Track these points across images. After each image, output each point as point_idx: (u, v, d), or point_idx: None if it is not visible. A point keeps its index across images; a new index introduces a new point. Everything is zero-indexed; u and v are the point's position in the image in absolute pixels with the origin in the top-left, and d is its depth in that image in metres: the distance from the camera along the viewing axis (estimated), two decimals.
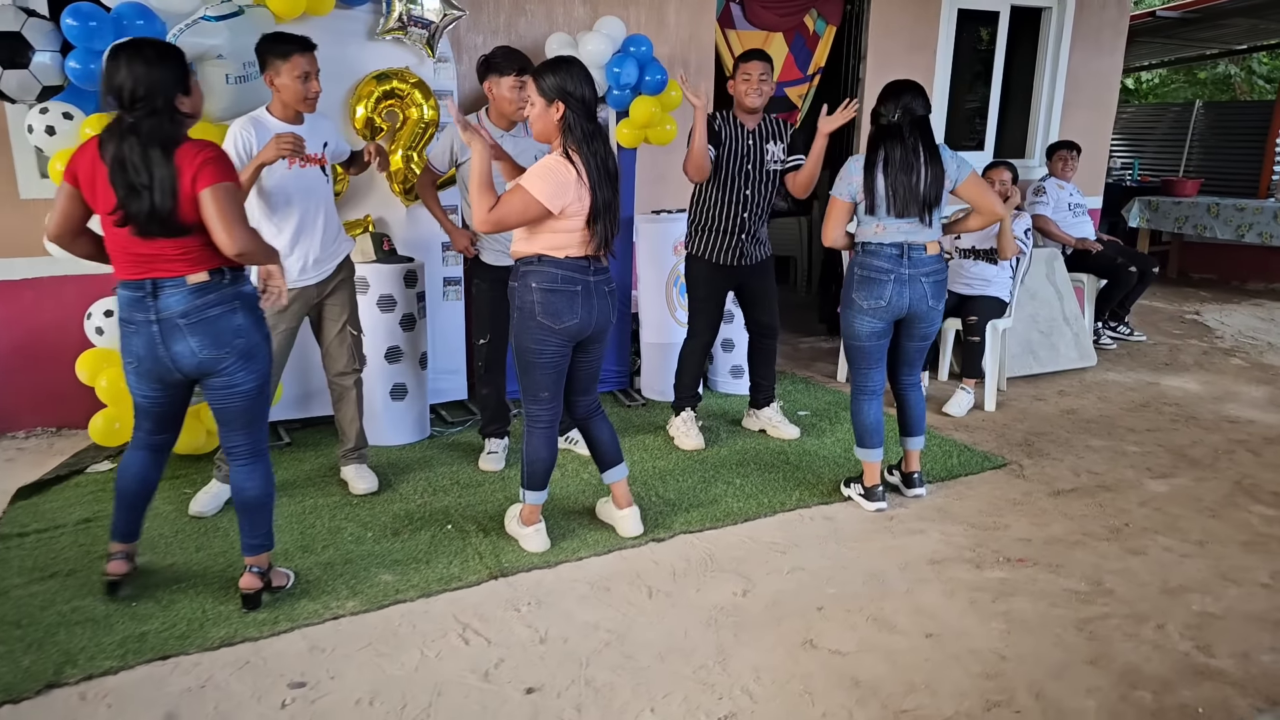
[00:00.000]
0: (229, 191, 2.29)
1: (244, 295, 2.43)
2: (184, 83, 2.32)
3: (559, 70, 2.72)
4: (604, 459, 3.12)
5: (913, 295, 3.21)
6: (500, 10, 4.64)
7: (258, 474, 2.55)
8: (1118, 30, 6.25)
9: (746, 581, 2.83)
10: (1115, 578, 2.88)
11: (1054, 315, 5.33)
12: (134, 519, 2.65)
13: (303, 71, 3.02)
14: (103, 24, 3.32)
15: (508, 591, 2.75)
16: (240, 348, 2.39)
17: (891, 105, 3.15)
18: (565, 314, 2.81)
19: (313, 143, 3.15)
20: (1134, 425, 4.39)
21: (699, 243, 3.91)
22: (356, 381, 3.43)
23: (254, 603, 2.60)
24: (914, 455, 3.52)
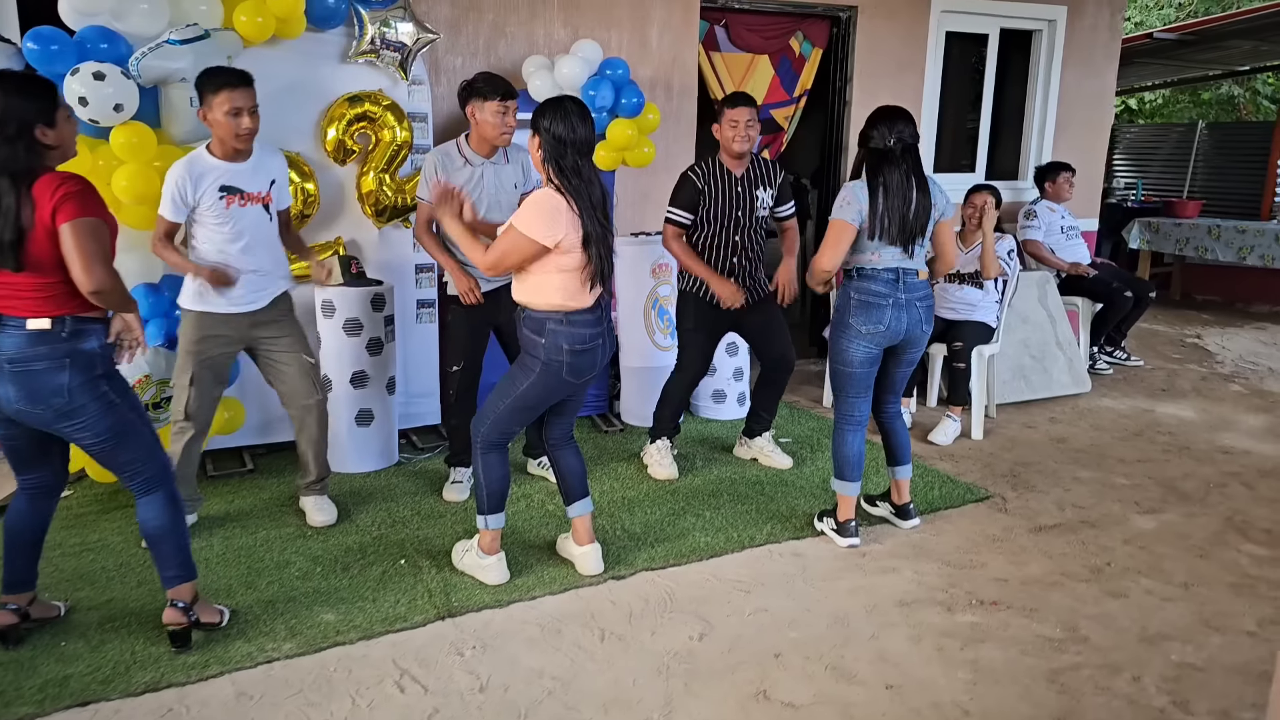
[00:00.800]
0: (90, 227, 2.21)
1: (78, 353, 2.28)
2: (47, 115, 2.25)
3: (545, 106, 2.72)
4: (570, 491, 3.04)
5: (909, 320, 3.17)
6: (479, 33, 4.59)
7: (153, 507, 2.46)
8: (1109, 53, 6.17)
9: (705, 624, 2.72)
10: (1092, 623, 2.76)
11: (1046, 340, 5.21)
12: (18, 568, 2.53)
13: (233, 107, 2.93)
14: (65, 48, 3.28)
15: (453, 633, 2.64)
16: (58, 407, 2.27)
17: (886, 131, 3.09)
18: (589, 369, 2.84)
19: (256, 181, 3.09)
20: (1125, 455, 4.26)
21: (690, 279, 3.83)
22: (318, 404, 3.32)
23: (182, 641, 2.49)
24: (904, 485, 3.42)
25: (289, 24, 3.66)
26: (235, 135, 2.97)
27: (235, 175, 3.05)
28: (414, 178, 4.07)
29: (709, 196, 3.69)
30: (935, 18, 5.54)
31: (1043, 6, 5.85)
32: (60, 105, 2.30)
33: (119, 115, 3.29)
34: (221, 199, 3.02)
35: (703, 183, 3.70)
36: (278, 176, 3.19)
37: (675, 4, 4.95)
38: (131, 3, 3.32)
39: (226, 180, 3.03)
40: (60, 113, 2.29)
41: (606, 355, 2.88)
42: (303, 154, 3.87)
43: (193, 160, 3.04)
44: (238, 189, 3.04)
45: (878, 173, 3.09)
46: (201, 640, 2.55)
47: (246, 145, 3.04)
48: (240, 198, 3.05)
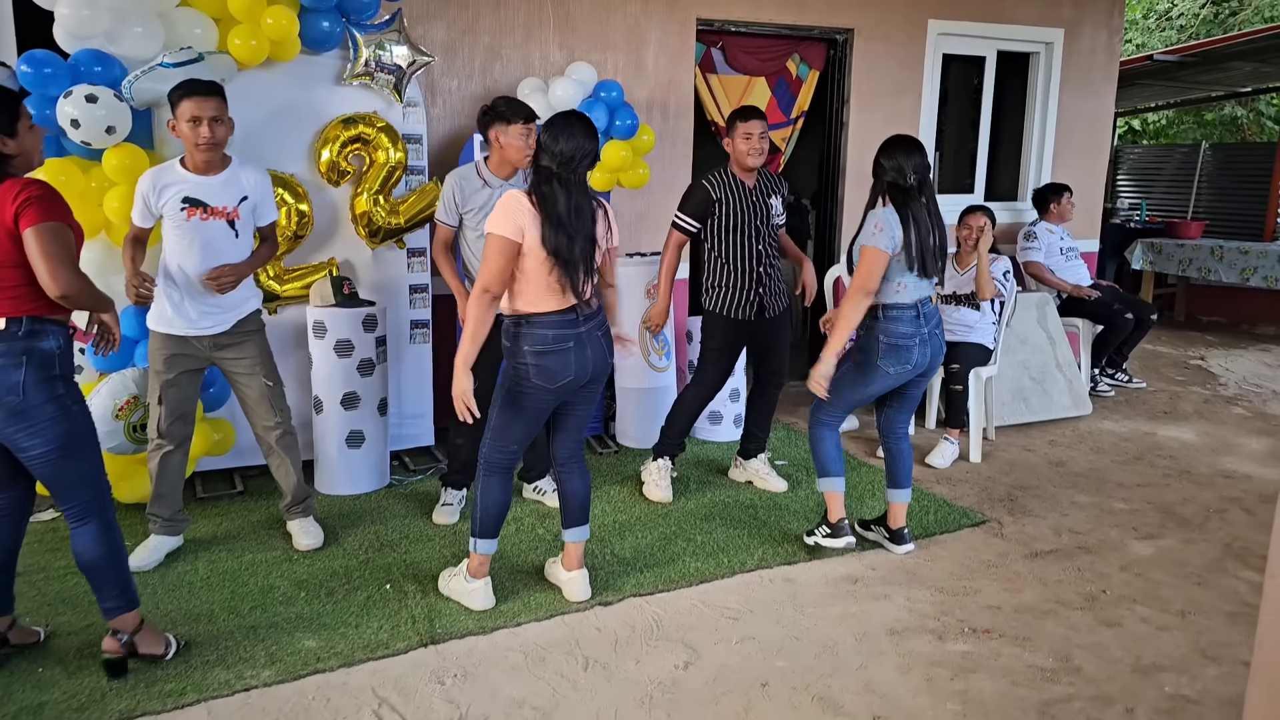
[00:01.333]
0: (54, 231, 2.21)
1: (34, 352, 2.26)
2: (8, 125, 2.26)
3: (552, 118, 2.79)
4: (569, 515, 3.00)
5: (932, 350, 3.22)
6: (475, 55, 4.60)
7: (87, 536, 2.40)
8: (1108, 74, 6.16)
9: (691, 652, 2.68)
10: (1085, 653, 2.71)
11: (1046, 361, 5.17)
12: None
13: (192, 115, 2.93)
14: (59, 71, 3.30)
15: (435, 661, 2.61)
16: (11, 405, 2.24)
17: (904, 166, 3.10)
18: (560, 373, 2.77)
19: (225, 196, 3.07)
20: (1124, 479, 4.21)
21: (717, 299, 3.81)
22: (283, 435, 3.31)
23: (117, 670, 2.45)
24: (901, 510, 3.39)
25: (283, 47, 3.67)
26: (195, 144, 2.96)
27: (201, 188, 3.03)
28: (407, 199, 4.07)
29: (726, 206, 3.70)
30: (932, 40, 5.54)
31: (1040, 29, 5.85)
32: (21, 116, 2.30)
33: (111, 137, 3.31)
34: (182, 210, 3.01)
35: (718, 193, 3.70)
36: (251, 193, 3.14)
37: (671, 26, 4.96)
38: (126, 26, 3.34)
39: (190, 192, 3.02)
40: (21, 124, 2.30)
41: (591, 364, 2.80)
42: (297, 175, 3.87)
43: (162, 169, 3.05)
44: (201, 202, 3.02)
45: (905, 207, 3.10)
46: (179, 666, 2.52)
47: (208, 155, 3.01)
48: (202, 211, 3.03)
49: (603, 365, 2.87)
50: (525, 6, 4.65)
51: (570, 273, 2.70)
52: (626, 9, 4.85)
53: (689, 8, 4.97)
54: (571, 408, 2.93)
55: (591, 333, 2.82)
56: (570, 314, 2.75)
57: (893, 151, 3.14)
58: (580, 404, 2.94)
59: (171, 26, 3.48)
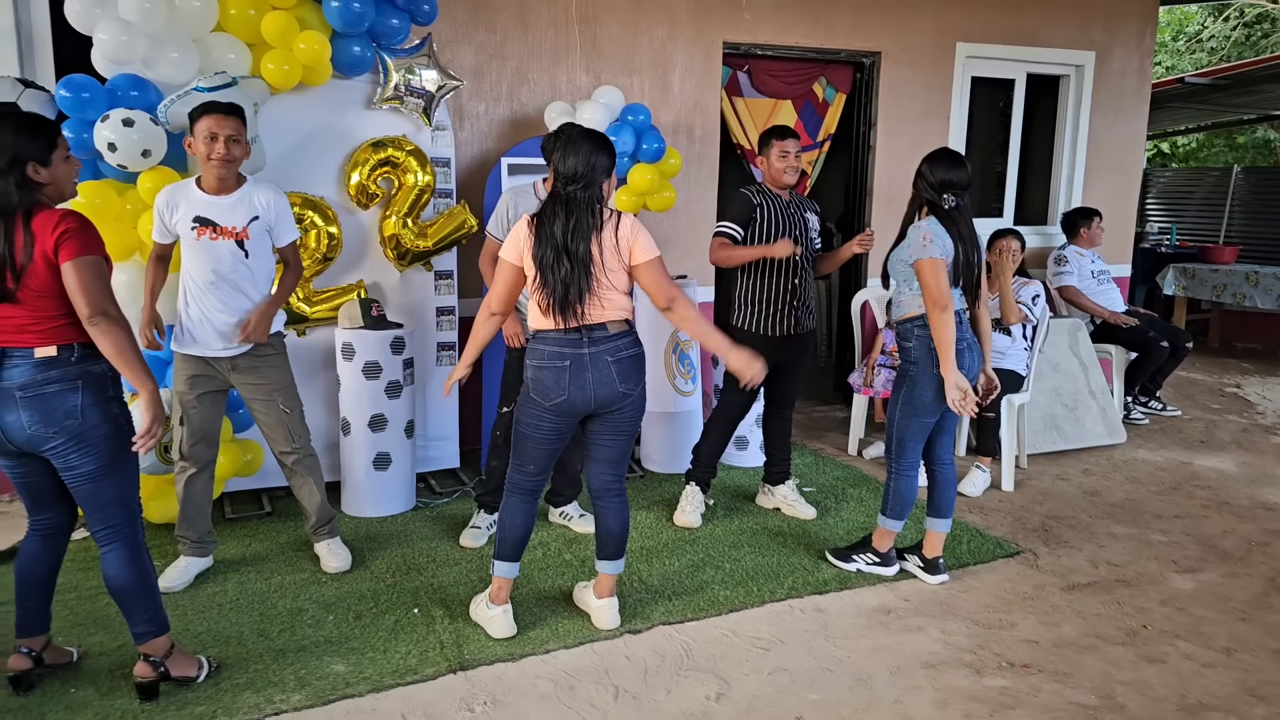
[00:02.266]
0: (90, 265, 2.24)
1: (89, 375, 2.30)
2: (40, 154, 2.28)
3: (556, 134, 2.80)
4: (601, 547, 2.94)
5: (972, 360, 3.19)
6: (502, 79, 4.64)
7: (118, 560, 2.41)
8: (1140, 97, 6.11)
9: (722, 683, 2.63)
10: (1128, 690, 2.63)
11: (1079, 388, 5.09)
12: (29, 611, 2.51)
13: (209, 132, 2.95)
14: (96, 95, 3.34)
15: (464, 688, 2.58)
16: (72, 429, 2.28)
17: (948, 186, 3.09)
18: (553, 391, 2.72)
19: (234, 216, 3.06)
20: (1162, 511, 4.12)
21: (749, 316, 3.76)
22: (301, 459, 3.30)
23: (149, 693, 2.45)
24: (939, 539, 3.33)
25: (315, 71, 3.71)
26: (208, 158, 2.97)
27: (211, 207, 3.04)
28: (435, 222, 4.09)
29: (765, 215, 3.68)
30: (960, 63, 5.52)
31: (1070, 52, 5.82)
32: (58, 146, 2.33)
33: (147, 161, 3.34)
34: (193, 229, 3.02)
35: (757, 200, 3.69)
36: (263, 214, 3.11)
37: (697, 50, 4.98)
38: (162, 51, 3.39)
39: (201, 211, 3.03)
40: (57, 154, 2.32)
41: (593, 389, 2.71)
42: (326, 198, 3.91)
43: (176, 187, 3.09)
44: (211, 221, 3.03)
45: (953, 225, 3.10)
46: (209, 689, 2.51)
47: (220, 172, 3.01)
48: (212, 230, 3.03)
49: (611, 393, 2.73)
50: (552, 30, 4.69)
51: (555, 294, 2.65)
52: (653, 33, 4.88)
53: (715, 31, 4.99)
54: (597, 436, 2.85)
55: (599, 356, 2.71)
56: (573, 334, 2.71)
57: (936, 168, 3.12)
58: (605, 434, 2.84)
59: (206, 52, 3.53)
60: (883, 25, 5.31)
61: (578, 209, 2.68)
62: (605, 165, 2.72)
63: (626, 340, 2.78)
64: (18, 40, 3.86)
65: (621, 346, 2.76)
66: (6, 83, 3.43)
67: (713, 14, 4.97)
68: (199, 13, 3.46)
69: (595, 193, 2.71)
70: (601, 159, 2.71)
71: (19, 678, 2.48)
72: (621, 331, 2.78)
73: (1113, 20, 5.89)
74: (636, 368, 2.80)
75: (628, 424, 2.85)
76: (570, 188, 2.68)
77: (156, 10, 3.31)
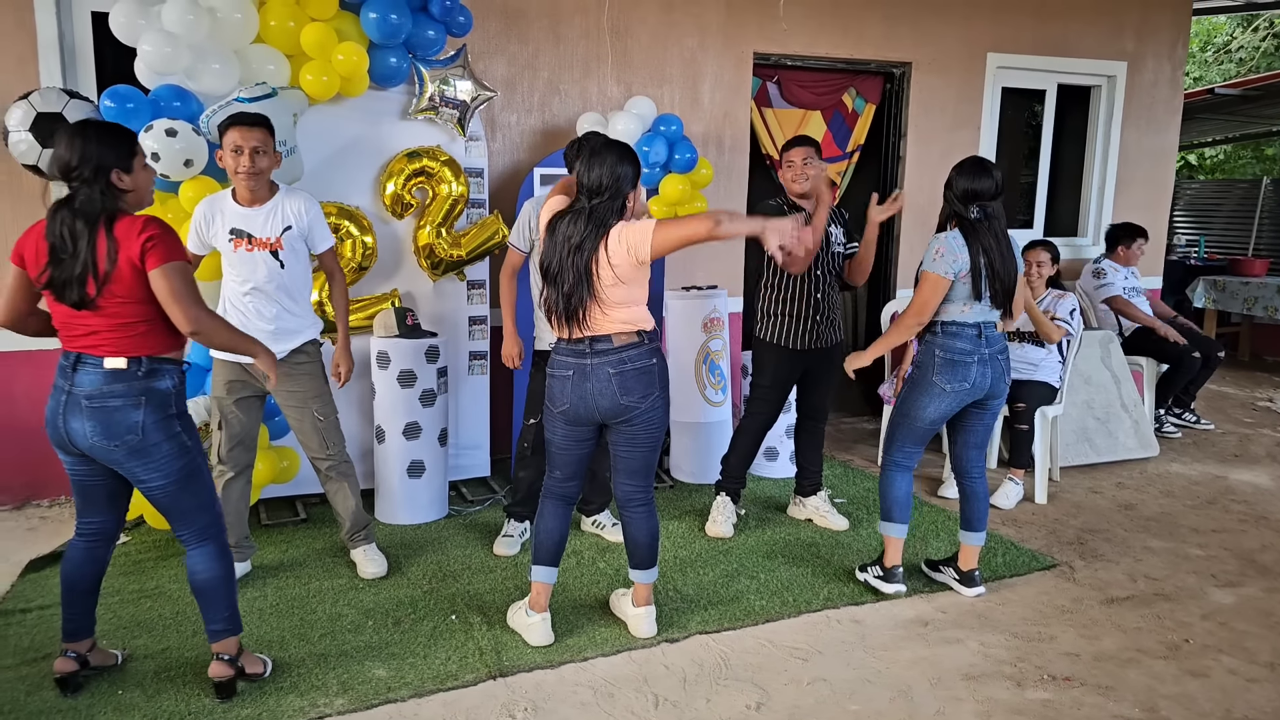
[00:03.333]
0: (179, 270, 2.28)
1: (153, 392, 2.33)
2: (123, 161, 2.32)
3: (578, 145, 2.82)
4: (632, 556, 2.94)
5: (993, 374, 3.15)
6: (535, 90, 4.67)
7: (206, 557, 2.46)
8: (1171, 108, 6.07)
9: (761, 693, 2.62)
10: (1172, 704, 2.60)
11: (1111, 401, 5.05)
12: (74, 616, 2.54)
13: (234, 145, 2.98)
14: (140, 105, 3.40)
15: (505, 694, 2.59)
16: (132, 444, 2.31)
17: (972, 197, 3.05)
18: (558, 399, 2.77)
19: (268, 227, 3.08)
20: (1198, 525, 4.08)
21: (771, 327, 3.76)
22: (336, 466, 3.32)
23: (227, 692, 2.49)
24: (974, 552, 3.30)
25: (352, 82, 3.76)
26: (235, 172, 3.01)
27: (246, 219, 3.07)
28: (469, 232, 4.12)
29: None
30: (991, 74, 5.52)
31: (1102, 62, 5.80)
32: (138, 153, 2.37)
33: (189, 170, 3.39)
34: (230, 241, 3.06)
35: (783, 213, 3.64)
36: (295, 223, 3.12)
37: (727, 60, 5.00)
38: (204, 63, 3.44)
39: (237, 223, 3.06)
40: (138, 160, 2.37)
41: (594, 400, 2.69)
42: (362, 207, 3.95)
43: (214, 199, 3.12)
44: (246, 233, 3.06)
45: (976, 238, 3.06)
46: (254, 692, 2.53)
47: (249, 184, 3.03)
48: (248, 242, 3.07)
49: (611, 404, 2.70)
50: (584, 42, 4.72)
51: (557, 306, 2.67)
52: (684, 43, 4.90)
53: (746, 42, 5.01)
54: (615, 447, 2.84)
55: (600, 368, 2.68)
56: (578, 345, 2.72)
57: (961, 178, 3.08)
58: (621, 445, 2.81)
59: (247, 63, 3.58)
60: (913, 36, 5.32)
61: (593, 222, 2.63)
62: (631, 176, 2.68)
63: (634, 353, 2.70)
64: (60, 52, 3.94)
65: (626, 359, 2.70)
66: (53, 93, 3.50)
67: (743, 25, 4.99)
68: (240, 24, 3.51)
69: (620, 204, 2.66)
70: (627, 170, 2.66)
71: (66, 679, 2.51)
72: (628, 344, 2.70)
73: (1144, 30, 5.87)
74: (641, 381, 2.71)
75: (642, 436, 2.79)
76: (595, 200, 2.64)
77: (199, 22, 3.37)
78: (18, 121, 3.39)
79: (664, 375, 2.79)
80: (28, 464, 4.05)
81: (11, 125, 3.41)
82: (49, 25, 3.88)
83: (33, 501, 4.11)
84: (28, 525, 3.87)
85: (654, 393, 2.75)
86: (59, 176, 2.29)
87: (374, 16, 3.69)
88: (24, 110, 3.39)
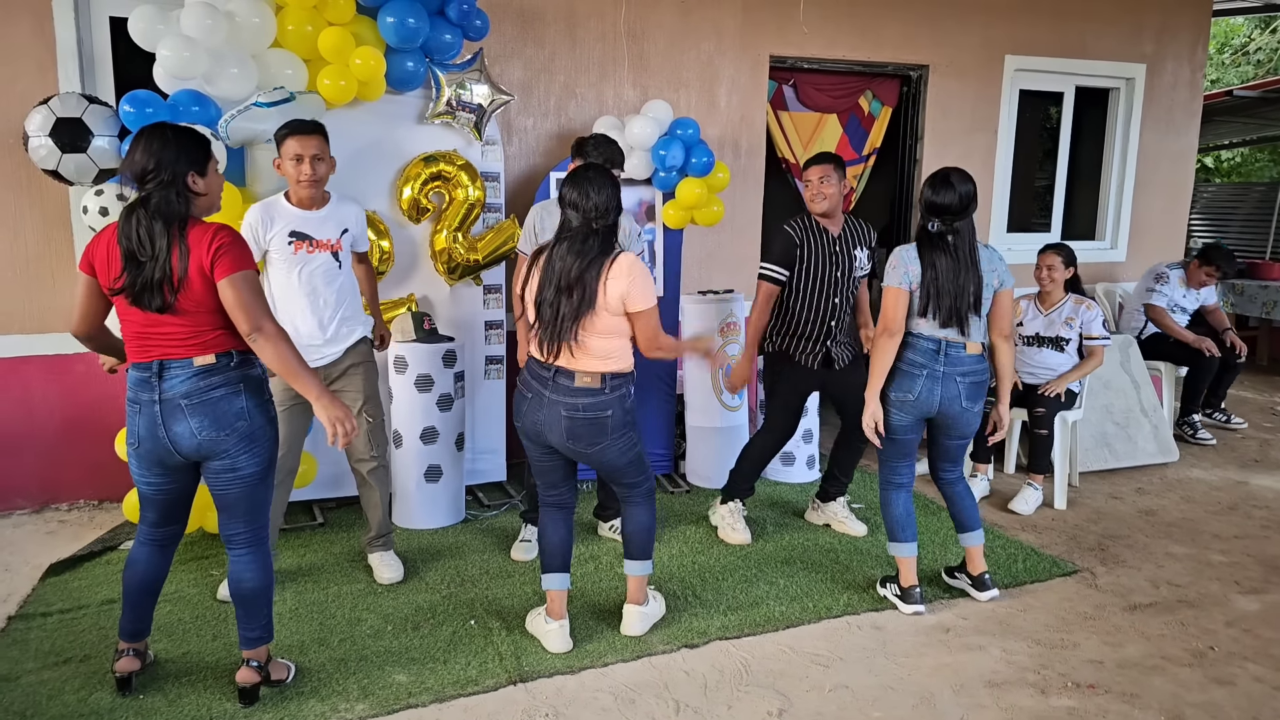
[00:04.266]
0: (247, 279, 2.29)
1: (250, 378, 2.38)
2: (199, 164, 2.33)
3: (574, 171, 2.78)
4: (624, 547, 3.00)
5: (945, 394, 3.06)
6: (550, 94, 4.67)
7: (256, 563, 2.48)
8: (1190, 111, 6.04)
9: (783, 700, 2.61)
10: (1198, 712, 2.57)
11: (1130, 406, 5.01)
12: (139, 617, 2.57)
13: (294, 154, 3.02)
14: (159, 110, 3.40)
15: (525, 699, 2.58)
16: (243, 430, 2.34)
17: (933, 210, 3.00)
18: (517, 413, 2.81)
19: (326, 229, 3.14)
20: (1220, 531, 4.04)
21: (781, 343, 3.72)
22: (376, 470, 3.34)
23: (251, 698, 2.49)
24: (977, 553, 3.28)
25: (370, 87, 3.76)
26: (297, 181, 3.06)
27: (306, 222, 3.11)
28: (485, 236, 4.12)
29: (807, 253, 3.59)
30: (1009, 77, 5.50)
31: (1120, 65, 5.77)
32: (212, 157, 2.39)
33: None
34: (290, 244, 3.09)
35: (800, 238, 3.60)
36: (350, 226, 3.24)
37: (744, 64, 4.99)
38: (222, 67, 3.45)
39: (296, 226, 3.10)
40: (211, 164, 2.38)
41: (543, 427, 2.71)
42: (379, 212, 3.95)
43: (268, 204, 3.14)
44: (306, 235, 3.11)
45: (929, 254, 3.02)
46: (275, 697, 2.54)
47: (310, 192, 3.09)
48: (309, 244, 3.11)
49: (558, 441, 2.73)
50: (600, 45, 4.72)
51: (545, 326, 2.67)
52: (700, 47, 4.90)
53: (762, 45, 5.01)
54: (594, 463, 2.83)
55: (555, 404, 2.69)
56: (546, 369, 2.71)
57: (926, 188, 3.03)
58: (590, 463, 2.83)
59: (265, 67, 3.59)
60: (931, 38, 5.30)
61: (573, 254, 2.66)
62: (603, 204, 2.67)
63: (588, 400, 2.69)
64: (79, 58, 3.95)
65: (579, 406, 2.69)
66: (72, 98, 3.51)
67: (760, 28, 4.98)
68: (258, 29, 3.52)
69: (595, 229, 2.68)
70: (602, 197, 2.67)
71: (127, 679, 2.54)
72: (585, 388, 2.68)
73: (1164, 32, 5.84)
74: (590, 429, 2.71)
75: (603, 461, 2.81)
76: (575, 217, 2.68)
77: (217, 27, 3.37)
78: (38, 127, 3.41)
79: (621, 421, 2.75)
80: (48, 468, 4.07)
81: (32, 130, 3.42)
82: (68, 31, 3.90)
83: (52, 505, 4.12)
84: (47, 529, 3.88)
85: (602, 441, 2.74)
86: (133, 182, 2.29)
87: (391, 21, 3.69)
88: (44, 115, 3.41)
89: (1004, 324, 3.18)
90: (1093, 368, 4.34)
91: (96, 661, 2.72)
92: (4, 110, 3.82)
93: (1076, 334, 4.36)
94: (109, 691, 2.56)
